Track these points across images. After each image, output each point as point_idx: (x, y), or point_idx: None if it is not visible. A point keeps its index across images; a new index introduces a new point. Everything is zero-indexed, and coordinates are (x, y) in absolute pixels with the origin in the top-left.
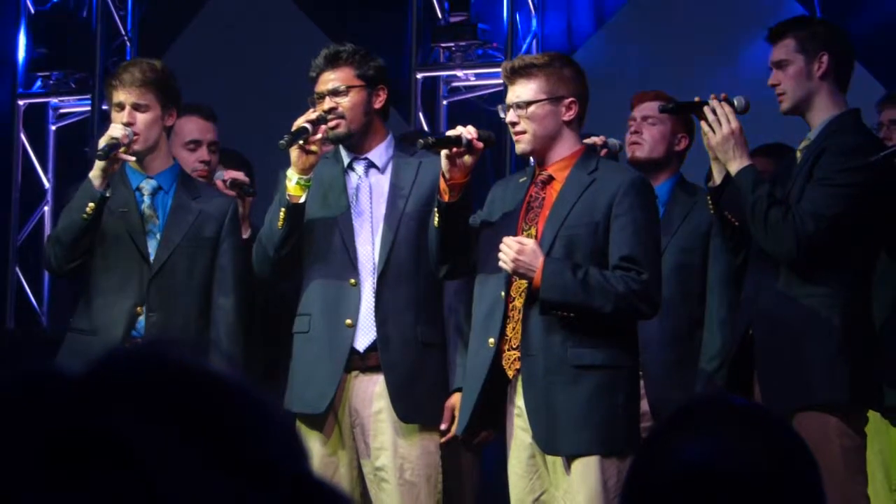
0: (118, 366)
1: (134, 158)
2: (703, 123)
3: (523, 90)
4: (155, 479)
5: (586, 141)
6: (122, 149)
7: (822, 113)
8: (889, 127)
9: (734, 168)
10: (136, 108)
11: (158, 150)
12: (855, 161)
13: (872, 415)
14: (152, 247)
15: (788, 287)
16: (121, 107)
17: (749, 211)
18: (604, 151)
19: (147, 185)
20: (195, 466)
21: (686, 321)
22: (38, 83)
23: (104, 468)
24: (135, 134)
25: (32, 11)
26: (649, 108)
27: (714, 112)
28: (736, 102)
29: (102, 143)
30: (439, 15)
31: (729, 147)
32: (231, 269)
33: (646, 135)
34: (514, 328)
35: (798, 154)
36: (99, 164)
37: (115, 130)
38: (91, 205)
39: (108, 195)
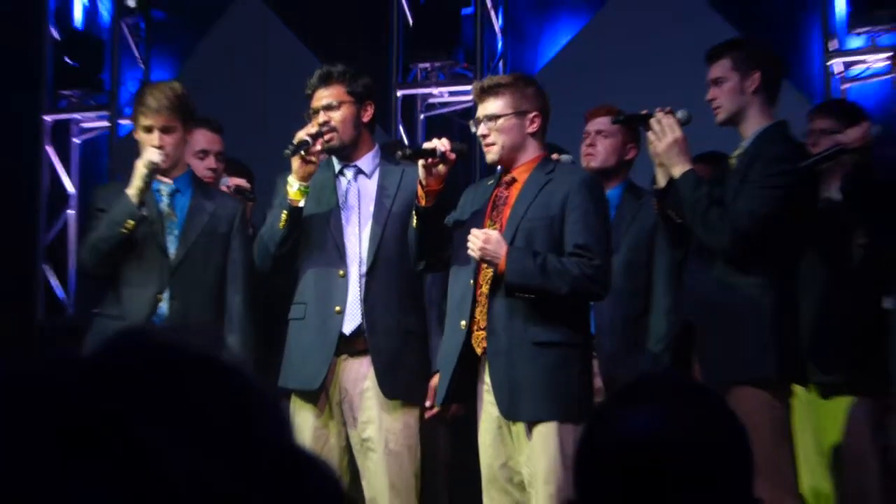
0: (125, 352)
1: (168, 180)
2: (649, 133)
3: (492, 106)
4: (160, 458)
5: None
6: (158, 173)
7: (753, 124)
8: (818, 135)
9: (677, 172)
10: (164, 130)
11: (179, 161)
12: (784, 166)
13: (801, 389)
14: (171, 242)
15: (724, 277)
16: (149, 130)
17: (690, 210)
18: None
19: (165, 188)
20: (196, 444)
21: (635, 309)
22: (63, 102)
23: (112, 450)
24: (165, 156)
25: (58, 38)
26: (601, 122)
27: (659, 123)
28: (679, 114)
29: (143, 167)
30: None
31: (673, 154)
32: (241, 263)
33: (599, 147)
34: (481, 311)
35: (732, 161)
36: (137, 185)
37: (154, 156)
38: (131, 222)
39: (145, 214)
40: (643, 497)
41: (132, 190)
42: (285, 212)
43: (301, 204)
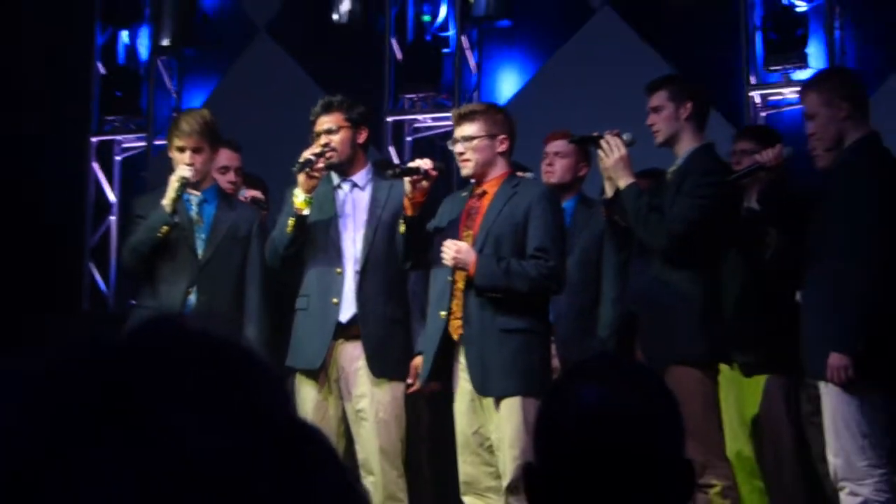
0: (150, 336)
1: (197, 192)
2: (599, 150)
3: (468, 129)
4: (171, 431)
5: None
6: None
7: (686, 145)
8: (740, 154)
9: (622, 184)
10: (195, 151)
11: (206, 175)
12: (711, 179)
13: (727, 368)
14: (199, 245)
15: (661, 273)
16: (181, 150)
17: (633, 216)
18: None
19: (195, 198)
20: (204, 419)
21: (587, 300)
22: (108, 126)
23: (134, 422)
24: (195, 172)
25: (103, 72)
26: (558, 145)
27: (608, 142)
28: (625, 137)
29: (176, 181)
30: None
31: (619, 168)
32: (258, 263)
33: (556, 166)
34: (457, 303)
35: (668, 176)
36: (171, 196)
37: (185, 171)
38: (165, 228)
39: (177, 221)
40: (593, 459)
41: (166, 200)
42: (292, 219)
43: (306, 212)
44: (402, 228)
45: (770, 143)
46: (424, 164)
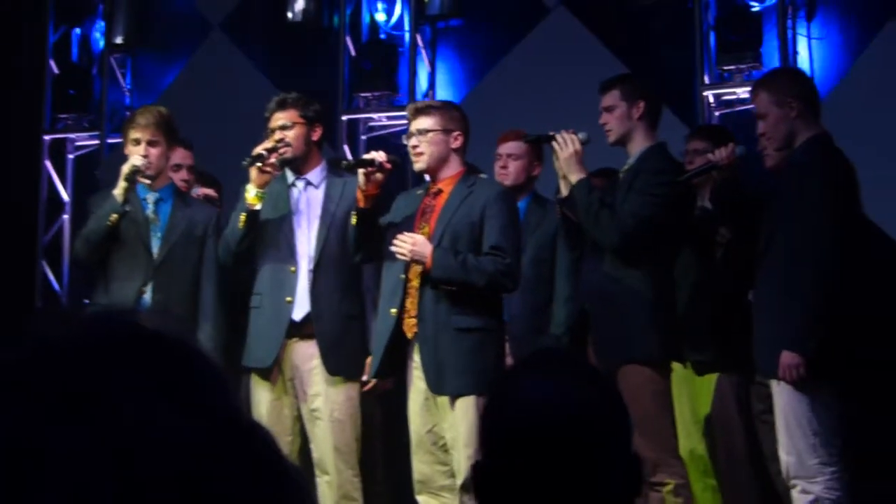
0: (97, 329)
1: (150, 182)
2: (554, 144)
3: (424, 122)
4: (138, 422)
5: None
6: (140, 174)
7: (638, 145)
8: (693, 154)
9: (574, 179)
10: (150, 144)
11: (161, 172)
12: (662, 178)
13: (679, 366)
14: (155, 243)
15: (613, 271)
16: (137, 142)
17: (584, 211)
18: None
19: (151, 196)
20: (166, 413)
21: (540, 299)
22: (60, 124)
23: (92, 412)
24: (149, 163)
25: (57, 73)
26: (512, 146)
27: (563, 137)
28: (580, 135)
29: (127, 169)
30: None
31: (572, 163)
32: (214, 261)
33: (510, 168)
34: (411, 301)
35: (621, 175)
36: (122, 185)
37: (137, 160)
38: (115, 216)
39: (128, 209)
40: (537, 454)
41: (117, 190)
42: (244, 214)
43: (258, 207)
44: (353, 220)
45: (723, 142)
46: (379, 156)
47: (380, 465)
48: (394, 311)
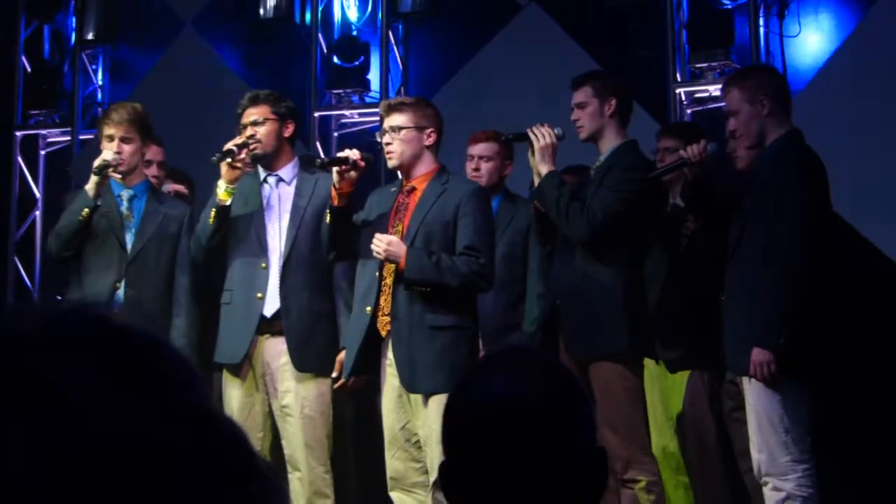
0: (57, 320)
1: (120, 177)
2: (530, 134)
3: (397, 119)
4: (85, 413)
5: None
6: (111, 168)
7: (609, 142)
8: (664, 152)
9: (544, 171)
10: (123, 140)
11: (136, 170)
12: (632, 175)
13: (652, 364)
14: (129, 239)
15: (583, 267)
16: (111, 139)
17: (554, 204)
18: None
19: (126, 193)
20: (119, 405)
21: (513, 296)
22: (32, 120)
23: (41, 404)
24: (121, 159)
25: (28, 69)
26: (483, 147)
27: (540, 130)
28: (556, 131)
29: (97, 163)
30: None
31: (546, 155)
32: (187, 257)
33: (483, 170)
34: (386, 299)
35: (591, 172)
36: (93, 179)
37: (107, 155)
38: (86, 210)
39: (99, 204)
40: (500, 449)
41: (89, 185)
42: (214, 209)
43: (228, 203)
44: (328, 219)
45: (694, 139)
46: (353, 154)
47: (352, 461)
48: (368, 308)
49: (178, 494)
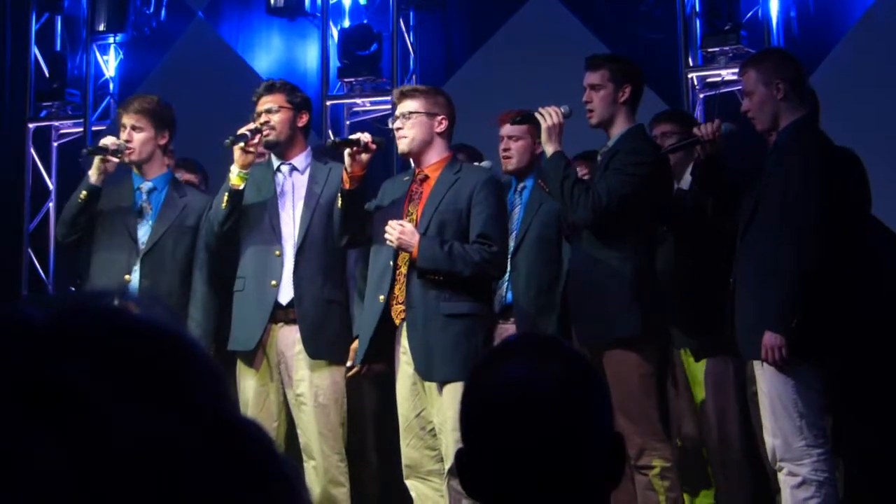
0: (74, 315)
1: (117, 160)
2: (538, 115)
3: (409, 105)
4: (103, 417)
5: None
6: (109, 153)
7: (619, 128)
8: (662, 137)
9: (550, 151)
10: (134, 129)
11: (153, 161)
12: (638, 158)
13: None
14: (145, 232)
15: (592, 251)
16: (123, 127)
17: (559, 185)
18: None
19: (145, 186)
20: (137, 407)
21: (547, 279)
22: (44, 112)
23: (59, 408)
24: (128, 147)
25: (40, 57)
26: (512, 128)
27: (547, 110)
28: (563, 109)
29: (92, 146)
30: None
31: (553, 134)
32: (205, 248)
33: (513, 149)
34: (400, 288)
35: (599, 157)
36: (95, 164)
37: (105, 140)
38: (84, 193)
39: (98, 186)
40: (517, 437)
41: (92, 169)
42: (227, 194)
43: (241, 187)
44: (339, 202)
45: (687, 122)
46: (364, 136)
47: (372, 449)
48: (382, 297)
49: (201, 498)
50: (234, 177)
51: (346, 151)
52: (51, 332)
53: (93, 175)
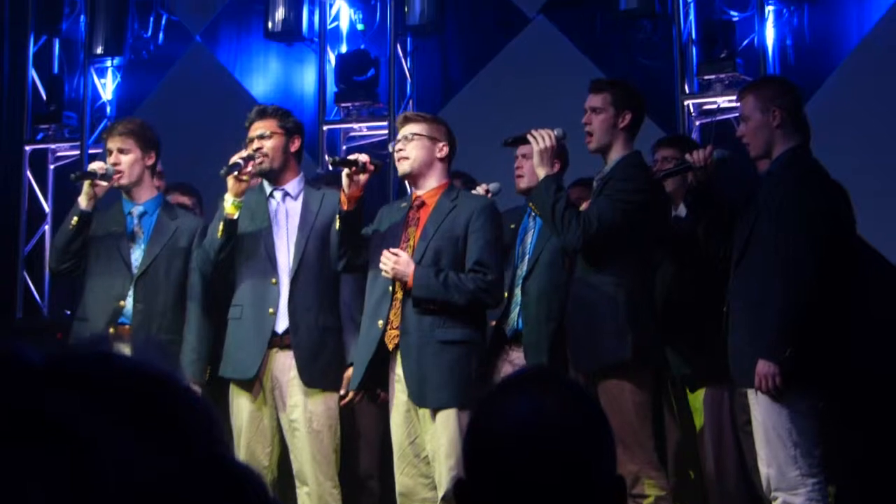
0: (73, 358)
1: (107, 185)
2: (530, 138)
3: (412, 128)
4: (102, 456)
5: (474, 191)
6: (97, 178)
7: (615, 154)
8: (662, 162)
9: (542, 174)
10: (120, 151)
11: (143, 184)
12: (633, 185)
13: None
14: (138, 256)
15: (586, 276)
16: (110, 152)
17: (549, 208)
18: (488, 195)
19: (136, 210)
20: (130, 447)
21: (556, 305)
22: (41, 134)
23: (52, 446)
24: (117, 171)
25: (37, 81)
26: (526, 147)
27: (539, 132)
28: (556, 132)
29: (83, 172)
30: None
31: (545, 157)
32: (198, 271)
33: (525, 168)
34: (395, 313)
35: (595, 183)
36: (84, 189)
37: (94, 165)
38: (76, 218)
39: (90, 211)
40: (521, 474)
41: (81, 195)
42: (222, 223)
43: (235, 216)
44: (337, 224)
45: (688, 147)
46: (362, 157)
47: (376, 477)
48: (381, 322)
49: None
50: (229, 206)
51: (345, 172)
52: (50, 373)
53: (83, 201)
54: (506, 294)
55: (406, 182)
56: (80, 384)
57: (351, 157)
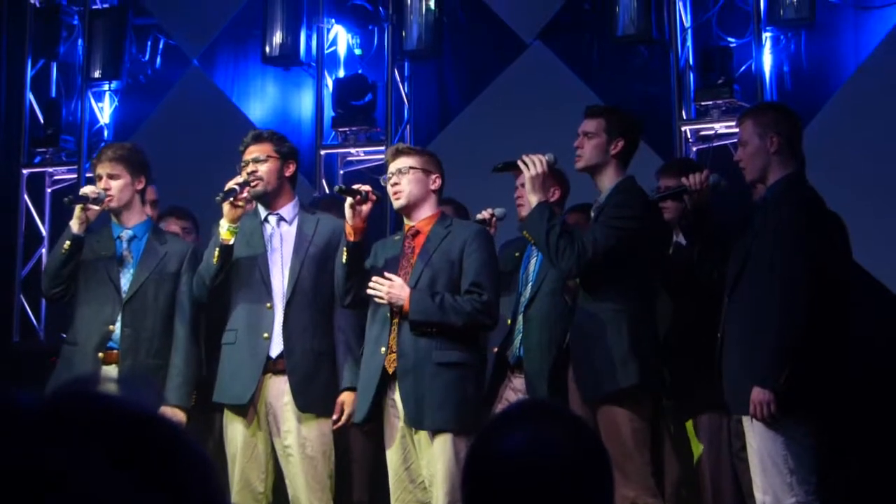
0: (66, 403)
1: (98, 209)
2: (521, 164)
3: (405, 161)
4: (99, 502)
5: (477, 217)
6: (90, 203)
7: (608, 180)
8: (667, 190)
9: (535, 201)
10: (110, 177)
11: (132, 209)
12: (628, 211)
13: None
14: (127, 280)
15: (587, 304)
16: (100, 177)
17: (544, 235)
18: (493, 220)
19: (125, 234)
20: (125, 492)
21: (559, 332)
22: (38, 158)
23: (56, 494)
24: (108, 196)
25: (35, 104)
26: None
27: (530, 158)
28: (547, 157)
29: (74, 196)
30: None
31: (536, 184)
32: (188, 295)
33: (526, 197)
34: (394, 338)
35: (592, 212)
36: (76, 214)
37: (85, 189)
38: (68, 243)
39: (82, 236)
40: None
41: (73, 220)
42: (217, 249)
43: (231, 242)
44: (344, 257)
45: (691, 171)
46: (364, 188)
47: (367, 503)
48: (384, 349)
49: None
50: (224, 231)
51: (348, 202)
52: (45, 422)
53: (74, 225)
54: (509, 321)
55: (402, 214)
56: (77, 431)
57: (355, 186)
